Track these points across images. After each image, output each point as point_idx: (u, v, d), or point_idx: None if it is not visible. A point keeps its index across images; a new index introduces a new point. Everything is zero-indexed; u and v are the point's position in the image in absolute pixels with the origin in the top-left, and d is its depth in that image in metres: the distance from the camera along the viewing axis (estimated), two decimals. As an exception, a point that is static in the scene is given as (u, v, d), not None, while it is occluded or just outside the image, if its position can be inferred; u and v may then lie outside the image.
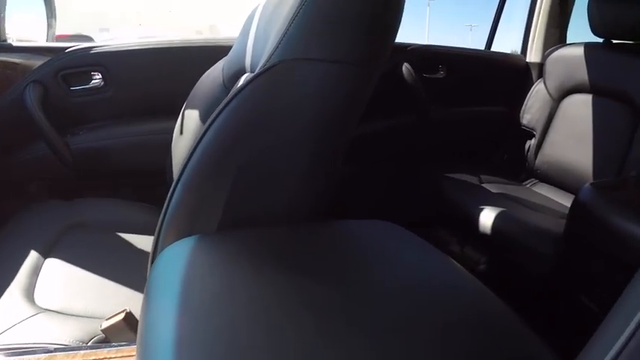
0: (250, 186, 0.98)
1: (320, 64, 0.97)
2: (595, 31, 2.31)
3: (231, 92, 1.01)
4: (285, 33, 0.99)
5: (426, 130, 2.43)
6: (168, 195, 0.97)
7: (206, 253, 0.84)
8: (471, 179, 2.30)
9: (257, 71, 1.00)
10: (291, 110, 0.98)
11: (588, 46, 2.40)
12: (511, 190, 2.31)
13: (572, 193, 2.34)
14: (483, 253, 2.02)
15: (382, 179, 2.40)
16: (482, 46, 2.82)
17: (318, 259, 0.86)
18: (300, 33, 0.98)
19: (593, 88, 2.33)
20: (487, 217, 1.93)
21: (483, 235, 1.93)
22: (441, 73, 2.44)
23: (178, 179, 0.97)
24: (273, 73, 0.98)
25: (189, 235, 0.90)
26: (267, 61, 1.00)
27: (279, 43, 0.99)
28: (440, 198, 2.18)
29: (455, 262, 0.91)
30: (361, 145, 1.96)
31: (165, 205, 0.97)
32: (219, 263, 0.81)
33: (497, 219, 1.91)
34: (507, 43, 2.90)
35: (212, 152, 0.98)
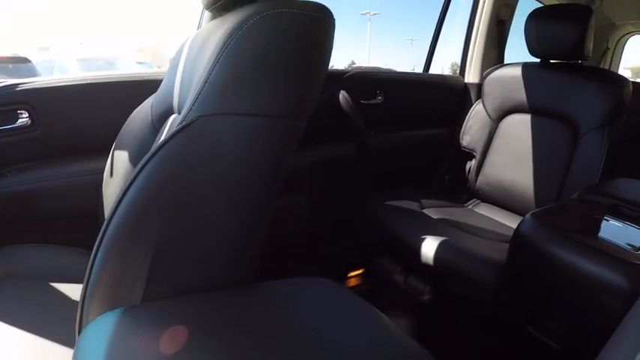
0: (174, 250, 0.94)
1: (239, 118, 0.95)
2: (532, 52, 2.35)
3: (152, 148, 0.97)
4: (204, 85, 0.96)
5: (365, 157, 2.39)
6: (89, 263, 0.91)
7: (130, 329, 0.80)
8: (412, 205, 2.27)
9: (176, 128, 0.96)
10: (213, 168, 0.95)
11: (526, 66, 2.43)
12: (453, 213, 2.29)
13: (513, 212, 2.38)
14: (427, 282, 1.99)
15: (321, 213, 2.34)
16: (422, 58, 2.82)
17: (246, 328, 0.83)
18: (217, 87, 0.96)
19: (531, 107, 2.36)
20: (428, 247, 1.90)
21: (426, 265, 1.90)
22: (379, 99, 2.41)
23: (99, 245, 0.91)
24: (192, 129, 0.94)
25: (114, 308, 0.85)
26: (186, 115, 0.96)
27: (198, 97, 0.96)
28: (381, 227, 2.13)
29: (384, 317, 0.90)
30: (297, 178, 1.93)
31: (86, 274, 0.91)
32: (143, 340, 0.77)
33: (439, 248, 1.88)
34: (448, 57, 2.92)
35: (132, 215, 0.92)
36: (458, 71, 2.88)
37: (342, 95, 2.20)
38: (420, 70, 2.90)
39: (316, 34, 1.05)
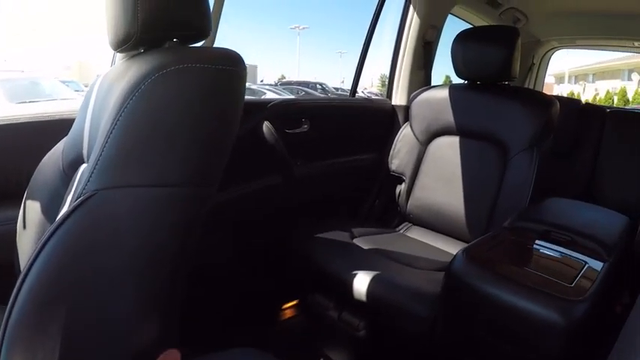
0: (82, 336, 0.85)
1: (141, 190, 0.87)
2: (459, 74, 2.35)
3: (50, 228, 0.87)
4: (102, 152, 0.88)
5: (292, 189, 2.32)
6: None
7: None
8: (343, 236, 2.20)
9: (74, 203, 0.87)
10: (117, 249, 0.86)
11: (453, 88, 2.42)
12: (384, 241, 2.25)
13: (446, 234, 2.37)
14: (362, 317, 1.93)
15: (249, 248, 2.26)
16: (352, 69, 2.78)
17: None
18: (116, 155, 0.88)
19: (460, 129, 2.35)
20: (360, 281, 1.84)
21: (359, 300, 1.84)
22: (305, 127, 2.34)
23: (3, 333, 0.82)
24: (91, 205, 0.86)
25: None
26: (84, 187, 0.88)
27: (96, 165, 0.88)
28: (312, 262, 2.05)
29: None
30: (222, 214, 1.86)
31: None
32: None
33: (371, 282, 1.82)
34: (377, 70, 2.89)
35: (33, 304, 0.84)
36: (387, 82, 2.85)
37: (266, 126, 2.11)
38: (349, 80, 2.86)
39: (225, 90, 0.97)
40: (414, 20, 2.72)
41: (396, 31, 2.79)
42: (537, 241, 1.67)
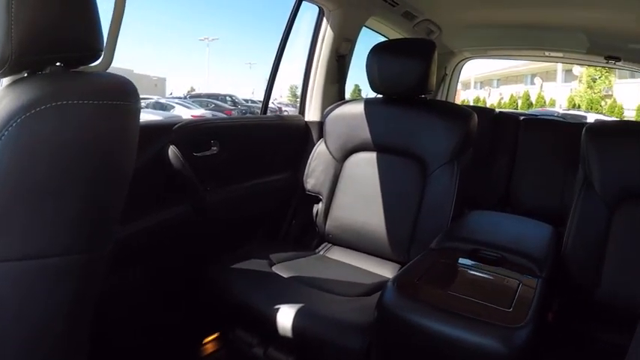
0: None
1: (12, 265, 0.71)
2: (374, 88, 2.29)
3: None
4: None
5: (204, 217, 2.16)
6: None
7: None
8: (261, 264, 2.07)
9: None
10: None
11: (368, 102, 2.35)
12: (305, 266, 2.14)
13: (367, 253, 2.29)
14: (290, 354, 1.81)
15: (160, 286, 2.08)
16: (261, 80, 2.65)
17: None
18: None
19: (376, 145, 2.29)
20: (284, 315, 1.73)
21: (285, 336, 1.73)
22: (214, 149, 2.17)
23: None
24: None
25: None
26: None
27: None
28: (229, 295, 1.91)
29: None
30: (128, 250, 1.73)
31: None
32: None
33: (296, 315, 1.71)
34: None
35: None
36: (300, 98, 2.73)
37: (172, 150, 1.94)
38: (258, 91, 2.72)
39: (112, 130, 0.82)
40: (327, 33, 2.62)
41: (309, 44, 2.68)
42: (467, 262, 1.64)
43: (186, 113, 11.93)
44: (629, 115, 20.67)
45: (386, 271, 2.21)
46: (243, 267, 2.02)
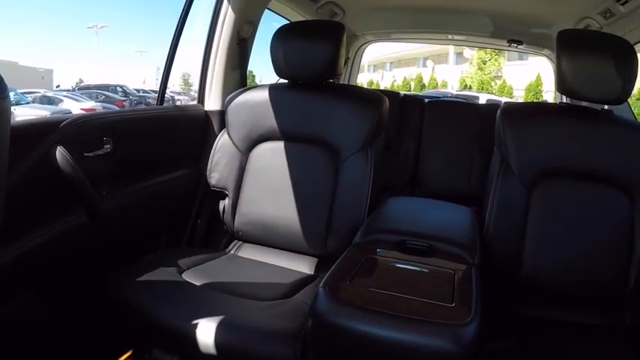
0: None
1: None
2: (280, 73, 2.21)
3: None
4: None
5: (102, 224, 1.90)
6: None
7: None
8: (169, 273, 1.88)
9: None
10: None
11: (273, 89, 2.26)
12: (217, 269, 2.00)
13: (282, 249, 2.21)
14: None
15: (56, 313, 1.82)
16: (153, 69, 2.43)
17: None
18: None
19: (284, 134, 2.20)
20: (204, 329, 1.57)
21: (208, 354, 1.57)
22: (107, 147, 1.93)
23: None
24: None
25: None
26: None
27: None
28: (139, 311, 1.70)
29: None
30: (21, 273, 1.60)
31: None
32: None
33: (218, 329, 1.56)
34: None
35: None
36: (198, 85, 2.53)
37: (59, 151, 1.68)
38: (151, 81, 2.48)
39: None
40: (228, 15, 2.44)
41: (207, 27, 2.49)
42: (397, 255, 1.59)
43: (75, 107, 11.39)
44: (518, 94, 21.73)
45: (303, 266, 2.15)
46: (151, 277, 1.83)
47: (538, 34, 3.67)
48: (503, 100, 15.52)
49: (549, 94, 19.07)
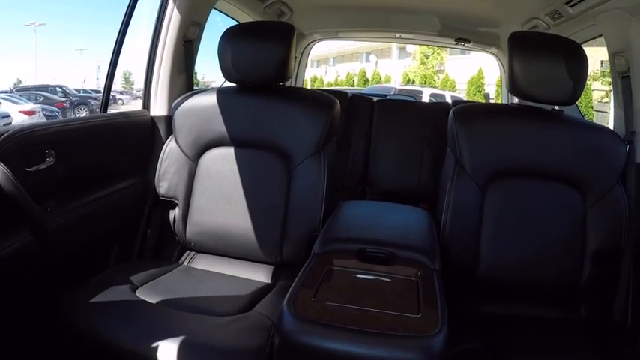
0: None
1: None
2: (228, 76, 2.14)
3: None
4: None
5: (48, 244, 1.76)
6: None
7: None
8: (123, 291, 1.78)
9: None
10: None
11: (222, 93, 2.18)
12: (172, 284, 1.92)
13: (237, 258, 2.16)
14: None
15: (4, 342, 1.70)
16: (93, 68, 2.31)
17: None
18: None
19: (233, 139, 2.14)
20: (165, 352, 1.50)
21: None
22: (50, 161, 1.80)
23: None
24: None
25: None
26: None
27: None
28: (93, 335, 1.59)
29: None
30: None
31: None
32: None
33: (180, 351, 1.50)
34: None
35: None
36: (131, 77, 2.43)
37: None
38: (91, 80, 2.35)
39: None
40: (173, 16, 2.34)
41: (152, 28, 2.38)
42: (358, 265, 1.57)
43: (13, 109, 10.90)
44: (461, 87, 22.08)
45: (260, 274, 2.11)
46: (104, 298, 1.73)
47: (486, 33, 3.72)
48: (447, 93, 15.76)
49: (491, 86, 19.50)
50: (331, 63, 33.67)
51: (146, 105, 2.38)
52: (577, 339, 1.79)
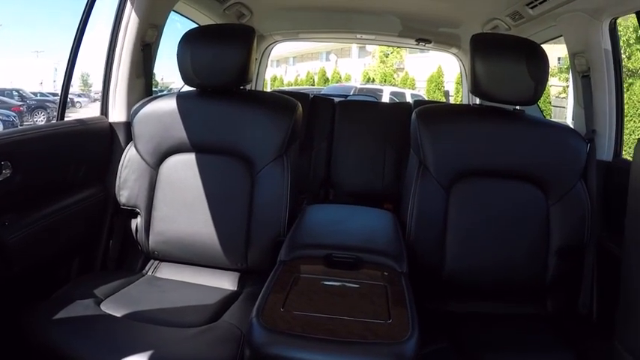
0: None
1: None
2: (187, 80, 2.10)
3: None
4: None
5: (6, 259, 1.74)
6: None
7: None
8: (87, 306, 1.73)
9: None
10: None
11: (181, 98, 2.15)
12: (137, 296, 1.89)
13: (201, 265, 2.13)
14: None
15: None
16: (50, 71, 2.22)
17: None
18: None
19: (194, 145, 2.12)
20: None
21: None
22: (7, 172, 1.73)
23: None
24: None
25: None
26: None
27: None
28: (57, 355, 1.54)
29: None
30: None
31: None
32: None
33: None
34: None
35: None
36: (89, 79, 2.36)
37: None
38: (49, 83, 2.27)
39: None
40: (131, 19, 2.27)
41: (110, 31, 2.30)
42: (326, 271, 1.57)
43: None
44: (420, 85, 22.24)
45: (226, 282, 2.09)
46: (68, 314, 1.67)
47: (447, 34, 3.75)
48: (407, 92, 15.85)
49: (450, 84, 19.74)
50: (291, 62, 33.65)
51: (104, 111, 2.32)
52: (544, 334, 1.83)
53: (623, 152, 2.26)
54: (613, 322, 1.42)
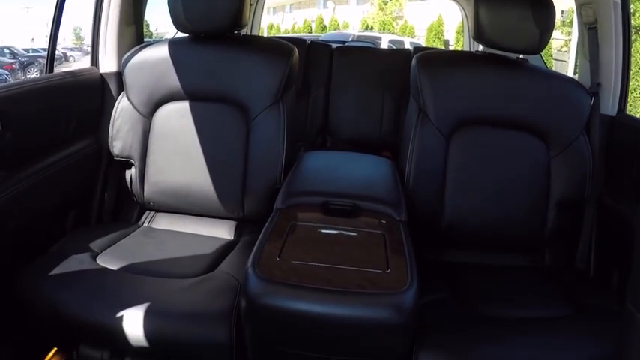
0: None
1: None
2: (179, 26, 2.05)
3: None
4: None
5: (2, 215, 1.71)
6: None
7: None
8: (83, 260, 1.71)
9: None
10: None
11: (174, 44, 2.10)
12: (133, 248, 1.87)
13: (197, 215, 2.13)
14: None
15: None
16: (42, 26, 2.16)
17: None
18: None
19: (188, 93, 2.07)
20: (130, 321, 1.47)
21: (140, 345, 1.49)
22: None
23: None
24: None
25: None
26: None
27: None
28: (55, 308, 1.54)
29: None
30: None
31: None
32: None
33: (146, 318, 1.47)
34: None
35: None
36: (81, 33, 2.30)
37: None
38: (40, 38, 2.21)
39: None
40: (120, -37, 2.20)
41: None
42: (323, 219, 1.56)
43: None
44: (420, 34, 22.02)
45: (222, 231, 2.09)
46: (64, 269, 1.66)
47: None
48: (406, 40, 15.68)
49: (450, 33, 19.50)
50: (288, 10, 33.29)
51: (95, 61, 2.25)
52: (541, 285, 1.83)
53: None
54: (612, 279, 1.42)
